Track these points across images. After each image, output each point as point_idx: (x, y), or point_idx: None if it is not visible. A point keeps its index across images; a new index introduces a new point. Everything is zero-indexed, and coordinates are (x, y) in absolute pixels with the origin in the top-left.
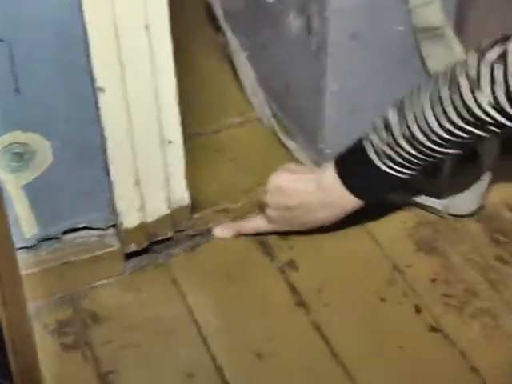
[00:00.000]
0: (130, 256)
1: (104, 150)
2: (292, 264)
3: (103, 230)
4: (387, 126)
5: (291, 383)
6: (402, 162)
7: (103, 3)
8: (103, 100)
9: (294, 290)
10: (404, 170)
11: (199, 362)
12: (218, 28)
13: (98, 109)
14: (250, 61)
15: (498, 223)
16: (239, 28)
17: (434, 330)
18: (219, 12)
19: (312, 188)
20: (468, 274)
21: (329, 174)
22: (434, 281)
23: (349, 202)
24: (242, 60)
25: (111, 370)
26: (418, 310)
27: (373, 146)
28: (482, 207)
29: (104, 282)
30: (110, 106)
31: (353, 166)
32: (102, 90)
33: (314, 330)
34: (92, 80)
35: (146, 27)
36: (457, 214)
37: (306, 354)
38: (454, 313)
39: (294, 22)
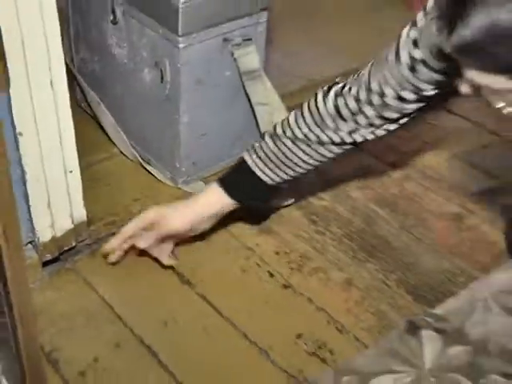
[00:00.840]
0: (45, 264)
1: (24, 181)
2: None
3: (24, 245)
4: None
5: (193, 340)
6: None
7: (20, 69)
8: (22, 141)
9: (177, 273)
10: (269, 173)
11: (122, 334)
12: (73, 86)
13: (18, 149)
14: (109, 109)
15: (311, 208)
16: (96, 84)
17: (285, 287)
18: (75, 71)
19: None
20: (299, 245)
21: (207, 189)
22: (277, 253)
23: (226, 204)
24: (101, 110)
25: (52, 349)
26: (271, 274)
27: (248, 151)
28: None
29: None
30: (27, 147)
31: (232, 174)
32: (21, 134)
33: (200, 298)
34: (13, 127)
35: (51, 83)
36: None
37: (198, 317)
38: (296, 273)
39: (148, 75)
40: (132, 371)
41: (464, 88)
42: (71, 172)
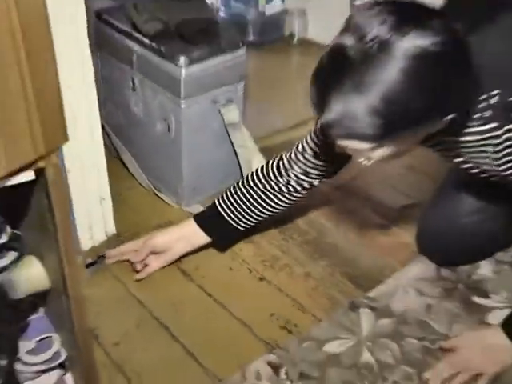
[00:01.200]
0: (87, 266)
1: (71, 208)
2: (182, 263)
3: None
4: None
5: (195, 318)
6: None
7: (70, 125)
8: (70, 177)
9: (182, 270)
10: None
11: (143, 315)
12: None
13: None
14: (129, 151)
15: (279, 223)
16: (119, 132)
17: (261, 279)
18: (103, 122)
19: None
20: (271, 249)
21: (187, 222)
22: (255, 255)
23: (201, 237)
24: (123, 151)
25: (94, 327)
26: (250, 271)
27: (221, 197)
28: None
29: None
30: (73, 181)
31: (205, 214)
32: (69, 171)
33: (198, 288)
34: (64, 166)
35: (92, 134)
36: None
37: (198, 302)
38: (269, 269)
39: (159, 126)
40: (151, 341)
41: (338, 149)
42: (104, 199)
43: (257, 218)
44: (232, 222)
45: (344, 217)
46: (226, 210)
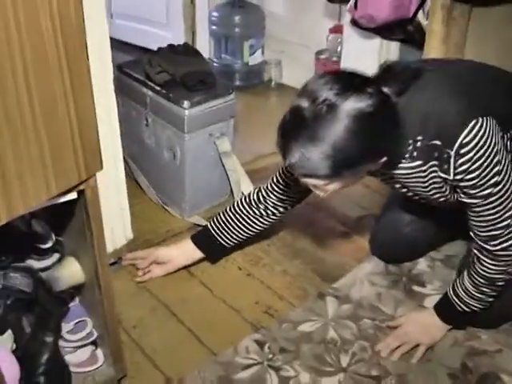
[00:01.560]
0: (110, 264)
1: None
2: None
3: None
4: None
5: (197, 305)
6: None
7: None
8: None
9: (187, 270)
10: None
11: (156, 304)
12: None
13: None
14: (143, 174)
15: (267, 232)
16: (135, 159)
17: (248, 275)
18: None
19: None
20: (256, 252)
21: (186, 240)
22: (243, 256)
23: (196, 254)
24: (138, 174)
25: (118, 312)
26: (239, 268)
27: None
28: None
29: None
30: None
31: (200, 235)
32: None
33: (200, 283)
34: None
35: (115, 162)
36: None
37: (200, 294)
38: (254, 267)
39: (166, 155)
40: (163, 325)
41: (302, 183)
42: (124, 209)
43: (241, 237)
44: (221, 240)
45: (313, 226)
46: (217, 231)
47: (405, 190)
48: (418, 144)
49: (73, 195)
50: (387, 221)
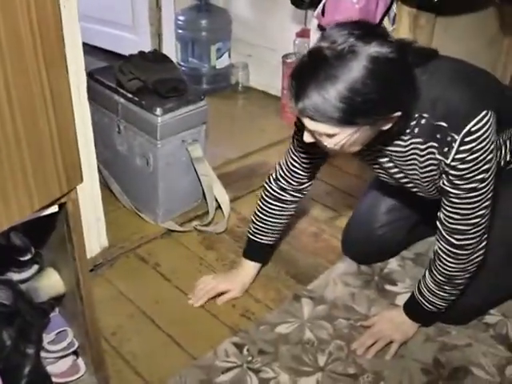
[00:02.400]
0: None
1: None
2: (157, 263)
3: None
4: None
5: (173, 310)
6: None
7: None
8: None
9: (161, 274)
10: None
11: (132, 310)
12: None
13: None
14: (116, 181)
15: (235, 233)
16: (108, 166)
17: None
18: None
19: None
20: (229, 255)
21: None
22: (217, 260)
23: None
24: (111, 181)
25: None
26: (214, 272)
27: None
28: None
29: None
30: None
31: (251, 249)
32: None
33: (174, 287)
34: None
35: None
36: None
37: (174, 298)
38: (230, 270)
39: (139, 161)
40: (141, 331)
41: (306, 137)
42: (99, 219)
43: (283, 227)
44: (270, 242)
45: (286, 229)
46: (264, 238)
47: (396, 170)
48: (423, 121)
49: (54, 208)
50: (359, 222)
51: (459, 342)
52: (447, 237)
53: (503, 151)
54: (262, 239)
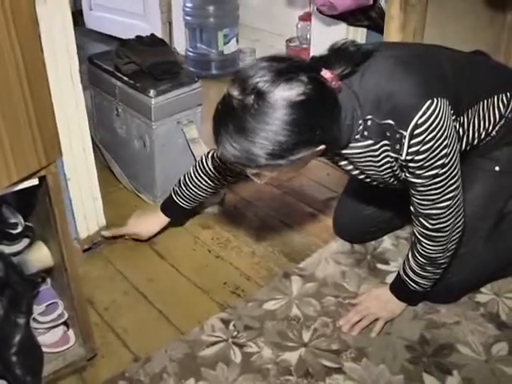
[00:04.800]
0: (84, 250)
1: (71, 206)
2: (153, 241)
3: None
4: None
5: (166, 287)
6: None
7: (66, 143)
8: (70, 184)
9: (156, 251)
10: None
11: (127, 286)
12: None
13: (68, 188)
14: (116, 162)
15: (236, 214)
16: (109, 148)
17: (217, 257)
18: (97, 141)
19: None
20: (225, 234)
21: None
22: (212, 238)
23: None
24: (112, 163)
25: (89, 296)
26: (208, 251)
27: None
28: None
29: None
30: (72, 186)
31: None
32: (69, 179)
33: (169, 265)
34: (65, 176)
35: (84, 149)
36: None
37: (168, 275)
38: (223, 249)
39: (137, 143)
40: (134, 306)
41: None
42: (96, 199)
43: (202, 199)
44: (186, 207)
45: (282, 208)
46: (182, 201)
47: (357, 171)
48: (369, 123)
49: (34, 181)
50: (347, 203)
51: (448, 319)
52: (422, 221)
53: (471, 131)
54: (181, 202)
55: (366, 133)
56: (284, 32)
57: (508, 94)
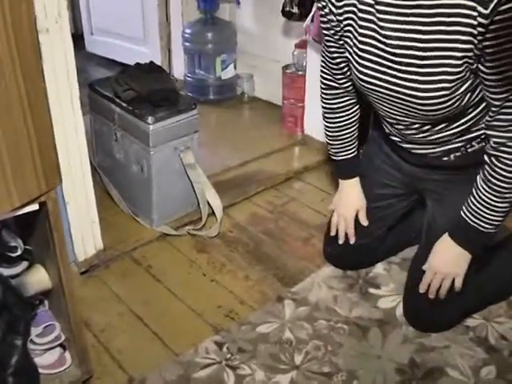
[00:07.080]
0: (81, 273)
1: (69, 229)
2: (150, 265)
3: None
4: None
5: (161, 310)
6: None
7: (66, 171)
8: (68, 208)
9: (152, 275)
10: None
11: (123, 309)
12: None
13: (66, 212)
14: (114, 186)
15: (226, 238)
16: (107, 172)
17: (212, 280)
18: (96, 165)
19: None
20: (220, 258)
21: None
22: (208, 263)
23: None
24: (110, 187)
25: (86, 318)
26: (203, 274)
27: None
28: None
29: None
30: (71, 210)
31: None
32: (68, 203)
33: (164, 288)
34: (64, 200)
35: (83, 175)
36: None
37: (164, 299)
38: (218, 273)
39: (135, 168)
40: (130, 328)
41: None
42: (94, 222)
43: (353, 134)
44: (353, 153)
45: (276, 233)
46: (344, 153)
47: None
48: None
49: (34, 206)
50: (334, 236)
51: (437, 343)
52: (502, 147)
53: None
54: (345, 154)
55: None
56: (281, 59)
57: None
